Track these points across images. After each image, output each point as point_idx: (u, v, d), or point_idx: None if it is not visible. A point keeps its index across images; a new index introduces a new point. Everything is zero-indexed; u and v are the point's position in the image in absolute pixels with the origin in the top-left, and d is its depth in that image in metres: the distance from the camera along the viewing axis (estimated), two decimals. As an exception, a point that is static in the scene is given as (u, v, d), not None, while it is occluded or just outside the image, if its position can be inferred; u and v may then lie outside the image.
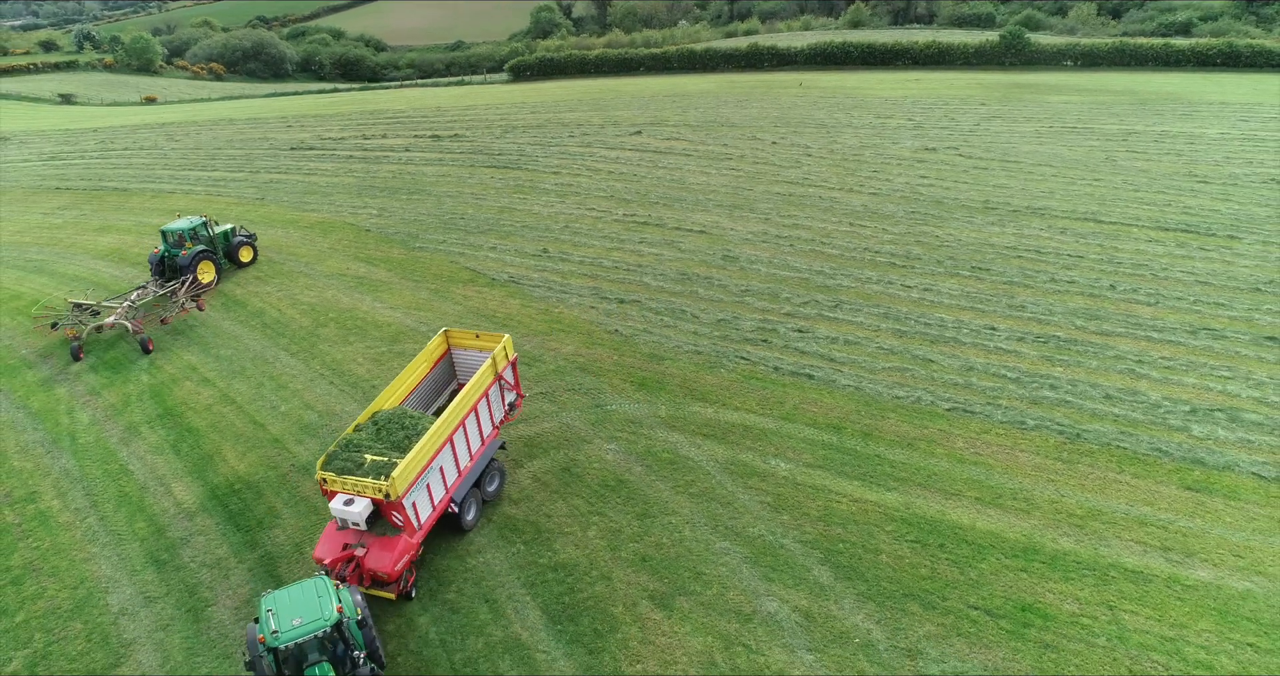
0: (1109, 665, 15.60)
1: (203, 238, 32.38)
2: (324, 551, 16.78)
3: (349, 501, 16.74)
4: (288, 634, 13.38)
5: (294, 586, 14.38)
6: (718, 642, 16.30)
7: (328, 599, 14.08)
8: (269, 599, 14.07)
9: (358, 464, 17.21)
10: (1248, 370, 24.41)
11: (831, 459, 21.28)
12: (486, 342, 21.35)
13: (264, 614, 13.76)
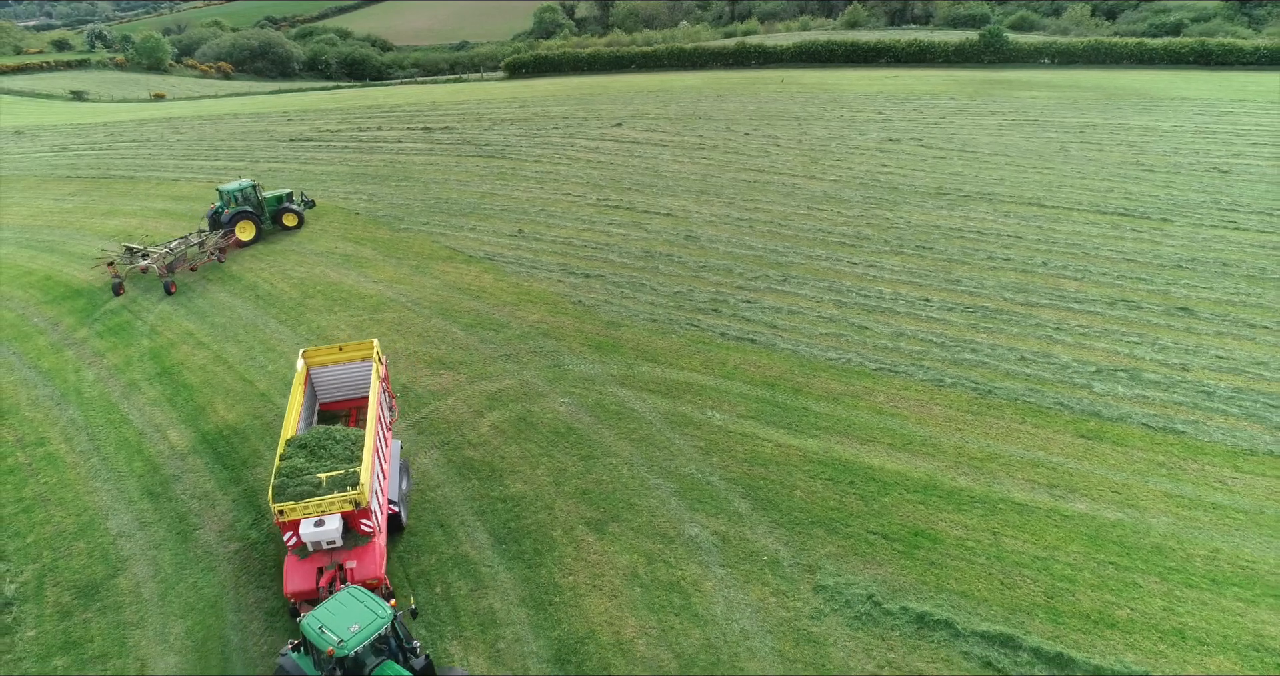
0: (984, 579, 17.60)
1: (251, 200, 36.05)
2: (298, 583, 16.17)
3: (319, 522, 16.31)
4: (352, 640, 13.30)
5: (329, 602, 14.18)
6: (642, 559, 18.36)
7: (372, 600, 14.15)
8: (311, 619, 13.77)
9: (314, 484, 16.73)
10: (1155, 336, 26.36)
11: (763, 411, 23.31)
12: (352, 353, 21.27)
13: (314, 634, 13.46)
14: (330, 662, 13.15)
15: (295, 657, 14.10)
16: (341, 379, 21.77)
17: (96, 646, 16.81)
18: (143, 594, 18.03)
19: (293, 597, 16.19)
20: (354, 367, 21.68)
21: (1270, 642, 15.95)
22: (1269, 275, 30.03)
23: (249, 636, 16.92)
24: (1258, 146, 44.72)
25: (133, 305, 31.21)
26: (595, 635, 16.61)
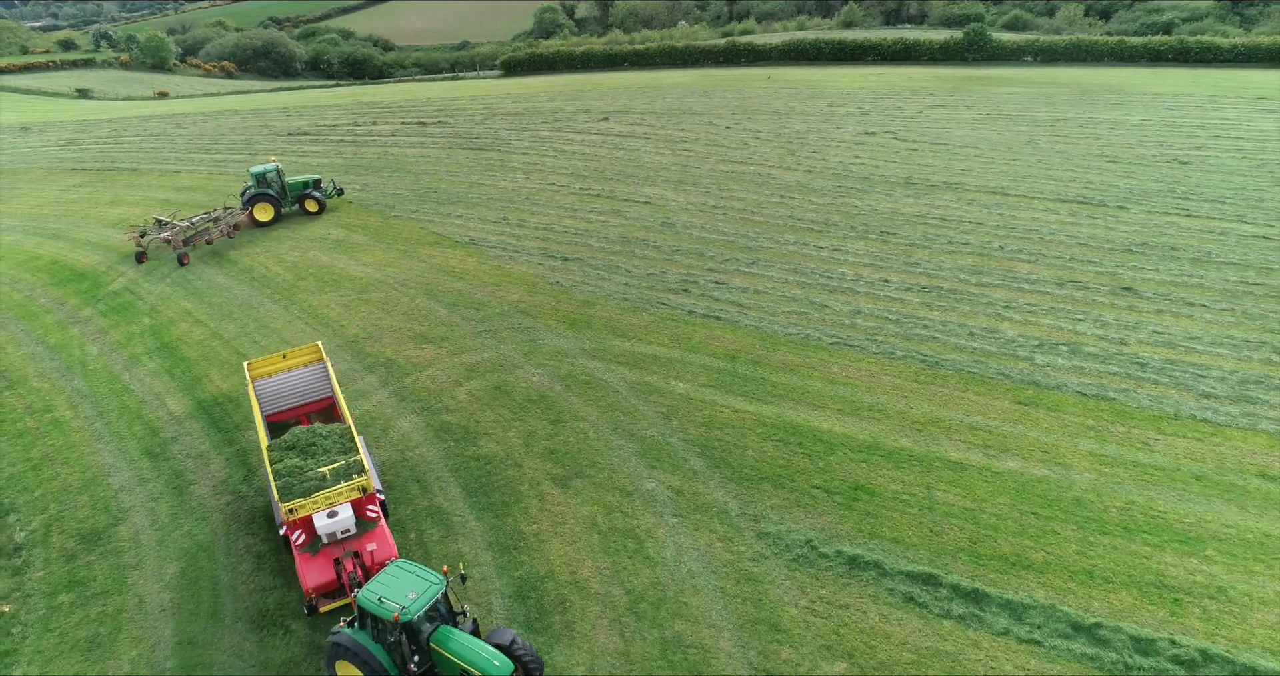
0: (915, 527, 19.04)
1: (273, 183, 37.84)
2: (317, 577, 16.53)
3: (331, 514, 16.81)
4: (414, 606, 14.00)
5: (380, 576, 14.74)
6: (601, 510, 19.82)
7: (423, 570, 14.82)
8: (367, 592, 14.30)
9: (319, 478, 17.06)
10: (1098, 314, 27.76)
11: (723, 381, 24.74)
12: (295, 360, 21.19)
13: (374, 605, 14.03)
14: (397, 628, 13.83)
15: (350, 633, 14.63)
16: (287, 388, 21.24)
17: (98, 585, 18.31)
18: (141, 540, 19.52)
19: (314, 592, 16.39)
20: (299, 374, 21.25)
21: (1170, 581, 17.36)
22: (1213, 258, 31.40)
23: (238, 576, 18.40)
24: (1220, 139, 46.04)
25: (134, 287, 32.69)
26: (554, 574, 18.07)
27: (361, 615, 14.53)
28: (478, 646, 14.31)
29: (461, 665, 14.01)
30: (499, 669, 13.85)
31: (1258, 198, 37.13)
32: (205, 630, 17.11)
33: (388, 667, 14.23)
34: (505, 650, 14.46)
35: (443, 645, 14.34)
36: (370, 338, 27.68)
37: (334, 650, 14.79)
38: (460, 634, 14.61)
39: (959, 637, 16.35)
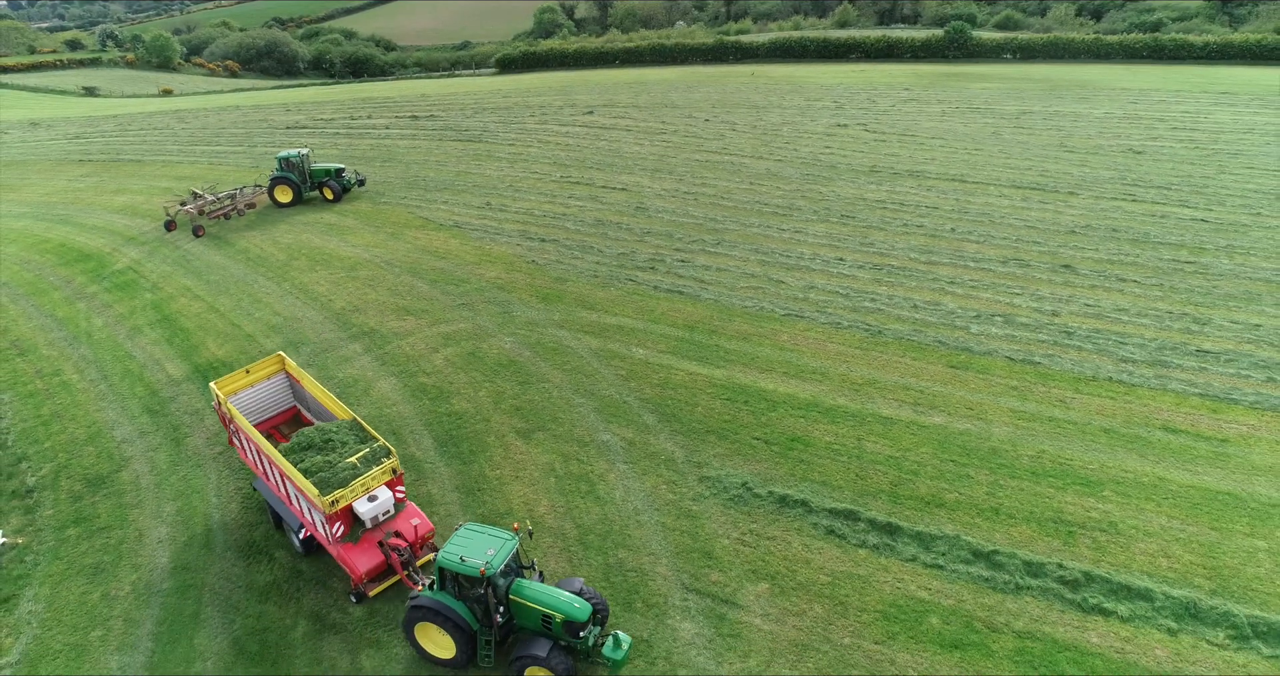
0: (842, 472, 20.83)
1: (296, 167, 39.82)
2: (367, 562, 16.95)
3: (372, 498, 17.27)
4: (496, 560, 14.85)
5: (453, 539, 15.43)
6: (559, 458, 21.63)
7: (493, 529, 15.68)
8: (446, 554, 15.01)
9: (350, 468, 17.35)
10: (1035, 289, 29.52)
11: (680, 347, 26.54)
12: (259, 373, 20.87)
13: (457, 564, 14.78)
14: (483, 582, 14.73)
15: (430, 594, 15.52)
16: (254, 402, 20.73)
17: (102, 521, 20.17)
18: (141, 484, 21.38)
19: (365, 578, 16.88)
20: (264, 387, 20.95)
21: (1067, 517, 19.14)
22: (1151, 239, 33.12)
23: (228, 514, 20.25)
24: (1177, 131, 47.72)
25: (137, 266, 34.53)
26: (513, 512, 19.89)
27: (441, 576, 15.32)
28: (555, 592, 15.32)
29: (543, 610, 14.99)
30: (580, 610, 14.89)
31: (1202, 184, 38.85)
32: (198, 558, 18.97)
33: (470, 622, 15.21)
34: (576, 595, 15.46)
35: (521, 594, 15.29)
36: (356, 310, 29.51)
37: (413, 614, 15.51)
38: (534, 584, 15.56)
39: (871, 563, 18.16)
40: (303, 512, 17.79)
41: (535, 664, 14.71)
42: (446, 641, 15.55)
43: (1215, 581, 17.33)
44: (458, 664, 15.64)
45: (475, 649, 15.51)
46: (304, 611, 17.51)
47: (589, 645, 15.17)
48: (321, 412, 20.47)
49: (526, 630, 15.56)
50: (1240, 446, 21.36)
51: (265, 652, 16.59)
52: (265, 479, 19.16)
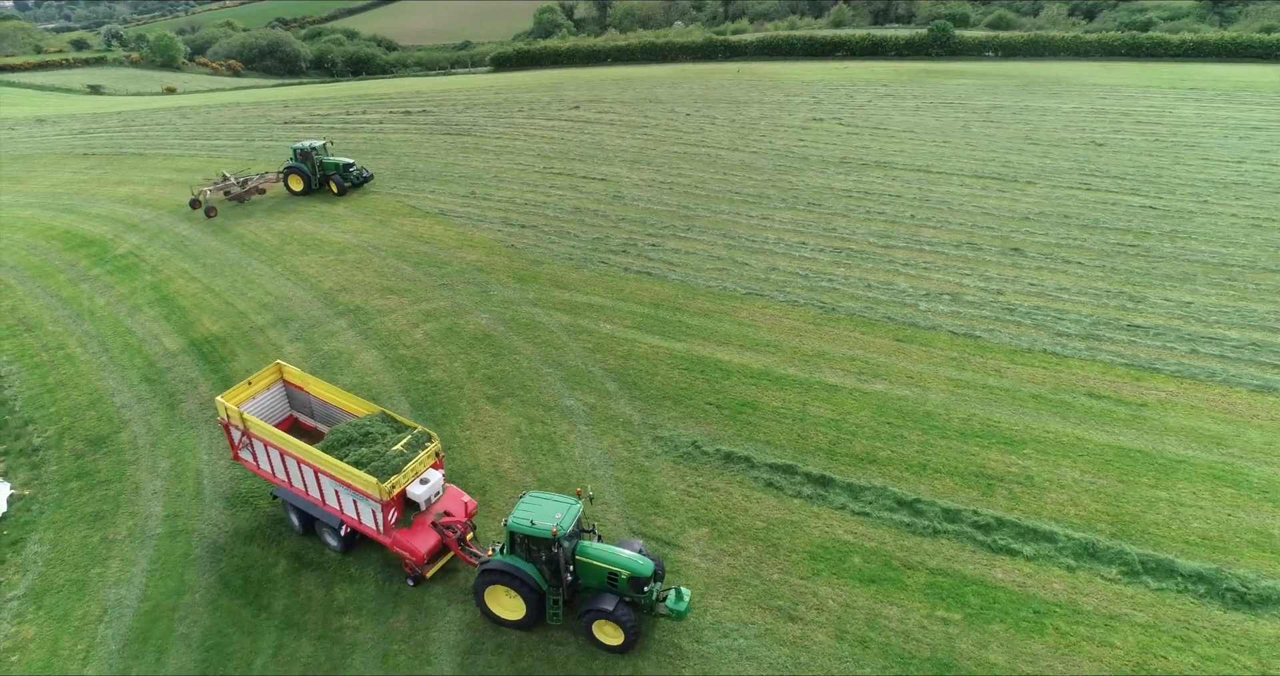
0: (785, 433, 22.36)
1: (308, 158, 41.18)
2: (424, 542, 17.52)
3: (424, 480, 17.83)
4: (565, 522, 15.73)
5: (520, 506, 16.24)
6: (524, 421, 23.20)
7: (557, 496, 16.56)
8: (516, 519, 15.81)
9: (400, 455, 17.71)
10: (984, 270, 31.05)
11: (645, 323, 28.09)
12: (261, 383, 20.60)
13: (528, 527, 15.61)
14: (555, 542, 15.61)
15: (501, 558, 16.38)
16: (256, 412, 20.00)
17: (102, 475, 21.79)
18: (138, 443, 22.98)
19: (425, 559, 17.44)
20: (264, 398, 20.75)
21: (988, 471, 20.68)
22: (1100, 225, 34.63)
23: (217, 469, 21.85)
24: (1140, 124, 49.19)
25: (138, 251, 36.12)
26: (479, 467, 21.47)
27: (511, 541, 16.18)
28: (618, 551, 16.32)
29: (609, 568, 16.02)
30: (643, 566, 15.91)
31: (1156, 174, 40.33)
32: (188, 507, 20.56)
33: (540, 583, 16.15)
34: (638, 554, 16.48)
35: (587, 554, 16.29)
36: (343, 290, 31.09)
37: (485, 578, 16.34)
38: (598, 544, 16.62)
39: (804, 511, 19.71)
40: (341, 509, 18.08)
41: (603, 617, 15.72)
42: (516, 603, 16.50)
43: (1116, 526, 18.87)
44: (526, 624, 16.55)
45: (544, 609, 16.45)
46: (285, 552, 19.11)
47: (652, 600, 16.24)
48: (330, 415, 20.48)
49: (591, 589, 16.50)
50: (1157, 410, 22.89)
51: (248, 586, 18.19)
52: (287, 486, 19.05)
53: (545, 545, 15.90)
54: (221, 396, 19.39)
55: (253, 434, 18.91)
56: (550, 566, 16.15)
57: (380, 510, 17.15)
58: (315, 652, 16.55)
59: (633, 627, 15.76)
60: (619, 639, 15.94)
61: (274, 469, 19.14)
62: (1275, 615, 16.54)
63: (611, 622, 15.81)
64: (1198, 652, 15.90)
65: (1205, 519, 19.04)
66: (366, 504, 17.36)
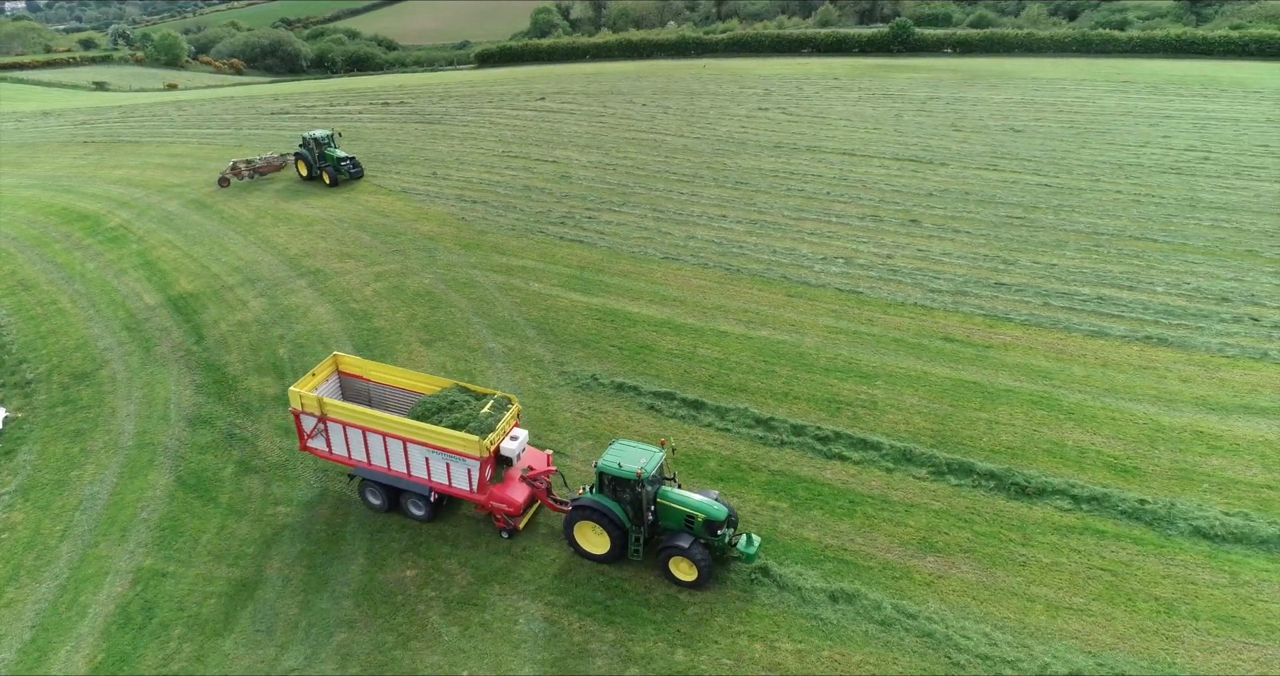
0: (673, 369, 25.50)
1: (311, 148, 43.13)
2: (518, 494, 18.76)
3: (513, 437, 19.14)
4: (649, 466, 17.15)
5: (609, 451, 17.68)
6: (450, 359, 26.42)
7: (642, 444, 18.03)
8: (606, 461, 17.29)
9: (489, 416, 18.92)
10: (880, 239, 34.17)
11: (570, 282, 31.27)
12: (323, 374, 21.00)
13: (616, 469, 17.05)
14: (640, 483, 16.99)
15: (591, 496, 17.84)
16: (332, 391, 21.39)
17: (84, 401, 25.06)
18: (116, 377, 26.26)
19: (520, 510, 18.74)
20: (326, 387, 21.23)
21: (840, 398, 23.81)
22: (995, 200, 37.71)
23: (183, 398, 25.09)
24: (1061, 113, 52.21)
25: (127, 225, 39.36)
26: (406, 395, 24.65)
27: (600, 481, 17.63)
28: (696, 496, 17.77)
29: (687, 511, 17.41)
30: (718, 511, 17.35)
31: (1060, 157, 43.39)
32: (155, 426, 23.82)
33: (624, 520, 17.62)
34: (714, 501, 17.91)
35: (668, 498, 17.73)
36: (306, 256, 34.32)
37: (575, 515, 17.82)
38: (677, 490, 18.08)
39: (675, 427, 22.88)
40: (430, 476, 19.11)
41: (679, 554, 17.14)
42: (602, 539, 18.06)
43: (935, 439, 22.02)
44: (609, 558, 18.14)
45: (626, 545, 17.94)
46: (233, 460, 22.35)
47: (724, 543, 17.62)
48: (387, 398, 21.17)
49: (670, 531, 17.89)
50: (1000, 351, 26.01)
51: (201, 484, 21.44)
52: (367, 465, 19.70)
53: (630, 485, 17.29)
54: (294, 386, 19.71)
55: (331, 418, 19.27)
56: (634, 506, 17.53)
57: (477, 468, 18.26)
58: (251, 531, 19.81)
59: (706, 566, 17.13)
60: (693, 576, 17.34)
61: (351, 450, 19.66)
62: (1047, 503, 19.69)
63: (687, 560, 17.17)
64: (975, 530, 19.06)
65: (1013, 433, 22.19)
66: (461, 465, 18.42)
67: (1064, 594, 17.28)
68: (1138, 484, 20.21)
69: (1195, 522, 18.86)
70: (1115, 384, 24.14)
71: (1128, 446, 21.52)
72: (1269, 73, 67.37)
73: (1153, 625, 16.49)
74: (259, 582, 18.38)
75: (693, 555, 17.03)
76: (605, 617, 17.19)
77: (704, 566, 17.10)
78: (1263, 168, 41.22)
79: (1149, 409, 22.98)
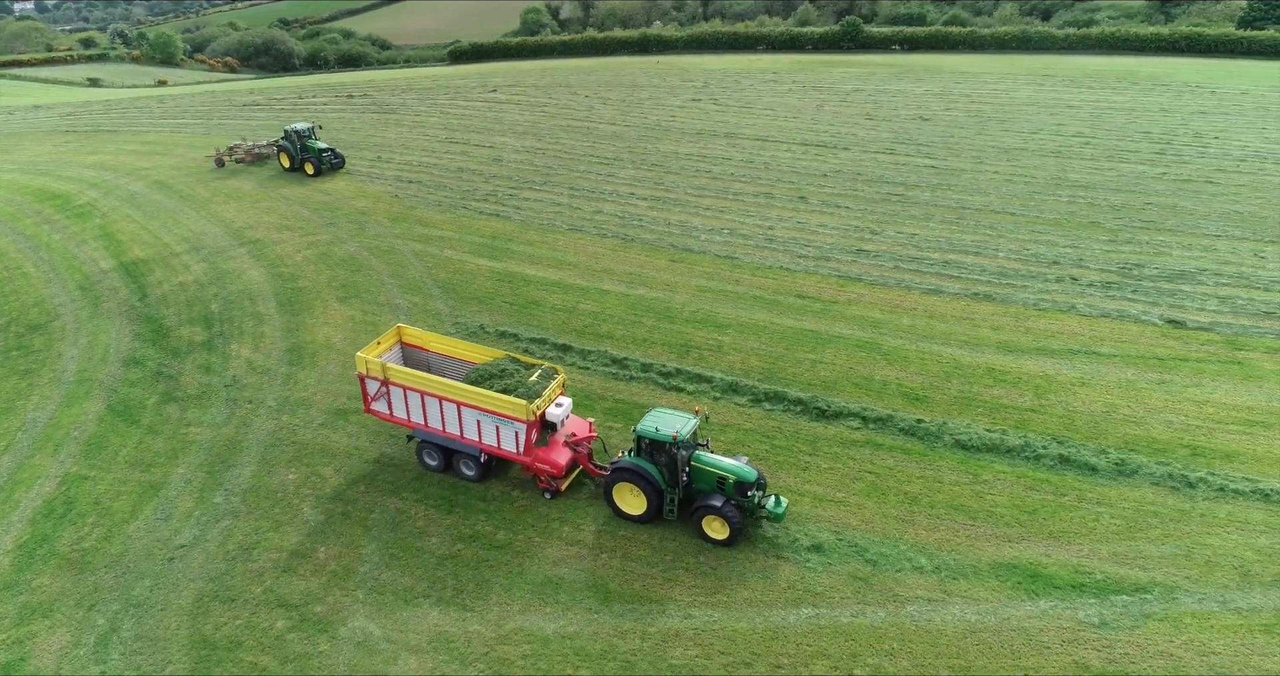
0: (554, 320, 28.60)
1: (292, 139, 44.71)
2: (561, 457, 19.88)
3: (558, 404, 20.19)
4: (684, 431, 18.14)
5: (648, 417, 18.82)
6: (360, 313, 29.54)
7: (678, 412, 19.08)
8: (644, 426, 18.45)
9: (536, 384, 20.08)
10: (767, 213, 37.23)
11: (480, 250, 34.36)
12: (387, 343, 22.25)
13: (653, 432, 18.17)
14: (676, 445, 18.09)
15: (629, 459, 18.93)
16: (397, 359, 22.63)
17: (36, 347, 28.25)
18: (66, 328, 29.43)
19: (563, 471, 19.86)
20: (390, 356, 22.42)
21: (692, 344, 26.86)
22: (882, 180, 40.77)
23: (122, 344, 28.25)
24: (974, 104, 55.20)
25: (94, 203, 42.46)
26: (315, 341, 27.81)
27: (638, 444, 18.78)
28: (728, 460, 18.78)
29: (719, 473, 18.43)
30: (749, 473, 18.36)
31: (955, 142, 46.43)
32: (95, 366, 26.98)
33: (661, 482, 18.64)
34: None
35: (701, 461, 18.74)
36: (249, 228, 37.41)
37: (615, 476, 18.88)
38: (710, 455, 19.14)
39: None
40: (481, 439, 20.23)
41: (711, 512, 18.14)
42: (639, 501, 19.05)
43: (763, 375, 25.13)
44: (646, 518, 19.18)
45: (662, 505, 18.96)
46: (157, 392, 25.51)
47: (754, 503, 18.55)
48: (445, 368, 22.26)
49: (703, 492, 18.82)
50: (844, 306, 29.09)
51: (127, 411, 24.61)
52: (424, 427, 20.82)
53: (665, 448, 18.38)
54: (361, 351, 21.14)
55: (393, 382, 20.60)
56: (669, 468, 18.63)
57: (524, 431, 19.38)
58: (164, 446, 22.99)
59: (737, 524, 18.07)
60: (724, 534, 18.37)
61: (410, 414, 20.87)
62: (841, 424, 22.76)
63: (720, 518, 18.16)
64: (774, 443, 22.18)
65: (831, 370, 25.28)
66: (510, 428, 19.56)
67: (831, 490, 20.43)
68: (923, 409, 23.33)
69: (959, 437, 21.99)
70: (934, 332, 27.24)
71: (925, 380, 24.63)
72: (1190, 68, 70.29)
73: (895, 512, 19.64)
74: (164, 484, 21.57)
75: (725, 513, 17.98)
76: (447, 509, 20.36)
77: (735, 524, 18.09)
78: (1135, 151, 44.28)
79: (955, 351, 26.07)
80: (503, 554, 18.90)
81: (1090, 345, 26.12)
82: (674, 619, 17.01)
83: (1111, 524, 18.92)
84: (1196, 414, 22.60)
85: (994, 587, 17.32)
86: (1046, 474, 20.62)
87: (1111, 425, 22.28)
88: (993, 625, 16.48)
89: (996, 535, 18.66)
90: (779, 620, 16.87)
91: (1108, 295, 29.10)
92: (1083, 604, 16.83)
